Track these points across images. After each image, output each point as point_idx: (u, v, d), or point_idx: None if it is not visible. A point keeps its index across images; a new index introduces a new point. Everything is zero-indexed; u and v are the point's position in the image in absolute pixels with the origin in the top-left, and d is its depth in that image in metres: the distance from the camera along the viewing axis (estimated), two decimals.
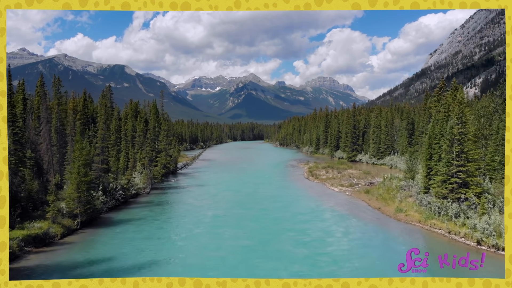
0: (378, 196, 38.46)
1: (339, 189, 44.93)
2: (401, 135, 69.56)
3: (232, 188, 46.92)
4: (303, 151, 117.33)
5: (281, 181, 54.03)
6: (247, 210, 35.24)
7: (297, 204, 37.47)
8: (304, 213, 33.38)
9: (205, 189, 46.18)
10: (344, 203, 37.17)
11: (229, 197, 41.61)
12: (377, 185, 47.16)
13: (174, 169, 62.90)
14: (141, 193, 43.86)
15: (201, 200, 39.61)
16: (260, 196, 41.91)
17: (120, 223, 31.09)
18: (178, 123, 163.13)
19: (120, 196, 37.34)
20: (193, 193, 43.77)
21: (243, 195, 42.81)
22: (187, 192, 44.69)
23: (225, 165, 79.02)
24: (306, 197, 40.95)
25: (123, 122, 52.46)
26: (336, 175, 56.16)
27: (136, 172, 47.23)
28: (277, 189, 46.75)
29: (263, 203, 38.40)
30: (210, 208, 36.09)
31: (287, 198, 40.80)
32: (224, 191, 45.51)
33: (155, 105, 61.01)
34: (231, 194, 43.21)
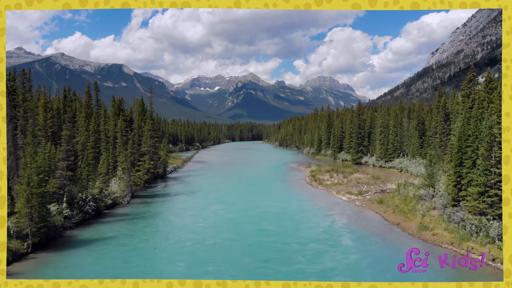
0: (394, 208, 32.74)
1: (347, 198, 39.20)
2: (411, 136, 63.88)
3: (225, 199, 39.87)
4: (304, 152, 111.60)
5: (281, 187, 48.10)
6: (242, 235, 26.74)
7: (304, 223, 29.88)
8: (315, 239, 25.52)
9: (194, 200, 39.59)
10: (357, 218, 31.37)
11: (220, 213, 33.39)
12: (390, 192, 41.49)
13: (163, 173, 57.13)
14: (120, 203, 38.15)
15: (186, 217, 32.67)
16: (257, 212, 33.44)
17: (83, 243, 25.38)
18: (174, 123, 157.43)
19: (90, 208, 31.58)
20: (178, 205, 37.58)
21: (238, 210, 34.57)
22: (172, 203, 38.59)
23: (220, 168, 73.24)
24: (313, 211, 33.98)
25: (102, 121, 46.69)
26: (342, 180, 50.45)
27: (116, 178, 41.51)
28: (277, 199, 39.52)
29: (262, 223, 29.98)
30: (195, 229, 28.32)
31: (290, 214, 32.91)
32: (215, 203, 38.10)
33: (141, 102, 55.31)
34: (223, 209, 34.87)
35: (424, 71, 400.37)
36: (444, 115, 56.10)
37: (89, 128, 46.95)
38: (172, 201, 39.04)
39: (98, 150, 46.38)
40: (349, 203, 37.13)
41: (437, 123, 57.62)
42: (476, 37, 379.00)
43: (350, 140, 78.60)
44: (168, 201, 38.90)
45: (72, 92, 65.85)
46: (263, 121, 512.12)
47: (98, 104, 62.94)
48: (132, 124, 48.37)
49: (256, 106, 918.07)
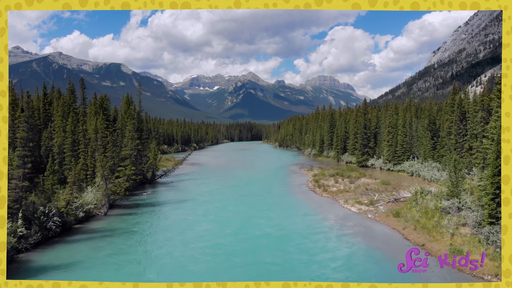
0: (415, 224, 27.68)
1: (357, 209, 34.14)
2: (421, 137, 58.86)
3: (216, 214, 33.13)
4: (305, 153, 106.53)
5: (282, 196, 42.77)
6: (232, 274, 19.60)
7: (314, 253, 22.80)
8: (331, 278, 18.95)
9: (179, 215, 33.33)
10: (373, 237, 26.04)
11: (207, 237, 26.24)
12: (405, 202, 36.51)
13: (152, 177, 52.07)
14: (97, 214, 33.12)
15: (164, 242, 25.49)
16: (254, 235, 26.53)
17: (39, 270, 20.41)
18: (169, 122, 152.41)
19: (55, 224, 26.54)
20: (161, 221, 31.69)
21: (230, 231, 27.45)
22: (154, 217, 32.98)
23: (216, 171, 68.16)
24: (321, 231, 27.15)
25: (81, 120, 41.61)
26: (349, 187, 45.43)
27: (94, 186, 36.48)
28: (277, 214, 32.85)
29: (259, 253, 22.78)
30: (179, 261, 21.74)
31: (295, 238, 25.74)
32: (204, 219, 31.23)
33: (127, 100, 50.24)
34: (212, 230, 28.04)
35: (425, 70, 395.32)
36: (460, 114, 51.09)
37: (66, 128, 41.92)
38: (155, 214, 33.73)
39: (77, 154, 41.32)
40: (360, 216, 32.05)
41: (451, 123, 52.59)
42: (478, 36, 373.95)
43: (355, 141, 73.56)
44: (150, 214, 33.68)
45: (56, 89, 60.89)
46: (262, 120, 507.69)
47: (84, 103, 57.96)
48: (115, 123, 43.28)
49: (255, 105, 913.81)
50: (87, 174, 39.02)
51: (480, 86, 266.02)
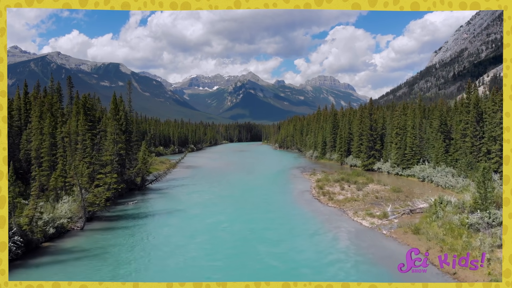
0: (440, 243, 23.53)
1: (370, 223, 29.97)
2: (433, 139, 54.74)
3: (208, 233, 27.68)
4: (307, 155, 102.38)
5: (283, 207, 37.99)
6: None
7: None
8: None
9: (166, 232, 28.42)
10: (395, 260, 21.66)
11: (194, 270, 20.91)
12: (422, 213, 32.43)
13: (141, 183, 47.92)
14: (72, 229, 28.99)
15: (141, 272, 20.76)
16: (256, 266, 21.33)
17: None
18: (166, 123, 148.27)
19: (15, 244, 22.40)
20: (144, 239, 27.22)
21: (222, 263, 21.90)
22: (137, 233, 28.12)
23: (212, 176, 63.96)
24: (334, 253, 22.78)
25: (60, 121, 37.47)
26: (357, 194, 41.29)
27: (71, 195, 32.36)
28: (281, 232, 27.77)
29: None
30: None
31: (305, 268, 20.90)
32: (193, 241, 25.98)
33: (115, 99, 46.14)
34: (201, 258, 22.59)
35: (427, 70, 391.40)
36: (477, 115, 46.98)
37: (44, 130, 37.79)
38: (136, 231, 29.30)
39: (55, 159, 37.20)
40: (373, 232, 27.87)
41: (466, 124, 48.49)
42: (481, 35, 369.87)
43: (360, 143, 69.42)
44: (131, 231, 29.34)
45: (43, 88, 56.80)
46: (262, 121, 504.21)
47: (71, 102, 53.94)
48: (99, 124, 39.15)
49: (255, 105, 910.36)
50: (66, 181, 34.87)
51: (482, 86, 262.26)
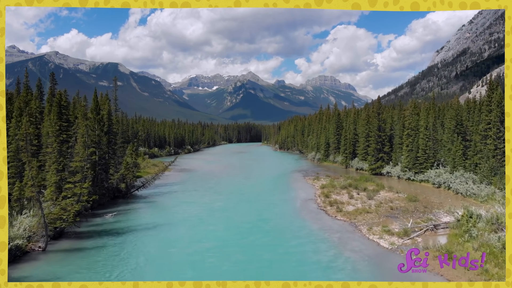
0: (484, 274, 18.67)
1: (389, 243, 24.99)
2: (448, 141, 49.82)
3: (194, 266, 21.29)
4: (308, 157, 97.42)
5: (287, 221, 32.28)
6: None
7: None
8: None
9: (144, 261, 22.50)
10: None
11: None
12: (450, 230, 27.55)
13: (126, 190, 43.01)
14: (32, 250, 24.08)
15: None
16: None
17: None
18: (162, 123, 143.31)
19: None
20: (115, 269, 21.63)
21: None
22: (108, 262, 22.87)
23: (206, 181, 58.93)
24: None
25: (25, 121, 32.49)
26: (368, 204, 36.34)
27: (33, 209, 27.45)
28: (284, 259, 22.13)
29: None
30: None
31: None
32: (177, 274, 19.90)
33: (96, 97, 41.32)
34: None
35: (429, 69, 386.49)
36: (501, 114, 42.10)
37: (9, 132, 32.93)
38: (111, 251, 24.31)
39: (21, 164, 32.28)
40: (395, 255, 22.91)
41: (488, 125, 43.62)
42: (483, 35, 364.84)
43: (367, 145, 64.51)
44: (104, 250, 24.42)
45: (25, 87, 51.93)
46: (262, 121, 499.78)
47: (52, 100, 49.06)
48: (73, 126, 34.19)
49: (255, 106, 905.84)
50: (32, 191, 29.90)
51: (486, 85, 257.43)
